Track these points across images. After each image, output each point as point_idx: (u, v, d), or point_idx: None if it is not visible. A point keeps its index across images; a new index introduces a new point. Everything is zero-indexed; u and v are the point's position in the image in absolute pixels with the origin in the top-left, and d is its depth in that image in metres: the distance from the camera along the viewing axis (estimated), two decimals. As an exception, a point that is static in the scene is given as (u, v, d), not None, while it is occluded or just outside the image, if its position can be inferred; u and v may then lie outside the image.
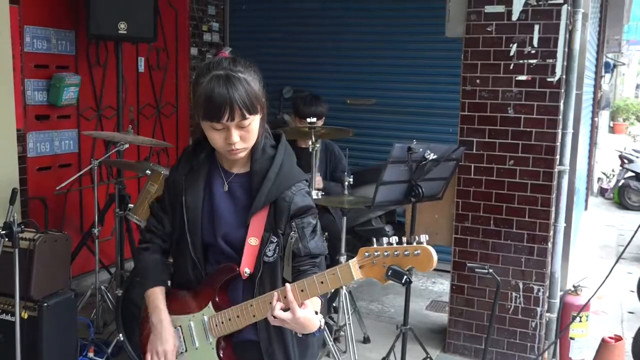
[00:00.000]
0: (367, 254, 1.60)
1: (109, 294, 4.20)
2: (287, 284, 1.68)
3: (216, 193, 1.91)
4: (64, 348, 3.60)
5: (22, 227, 3.02)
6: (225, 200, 1.90)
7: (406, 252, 1.55)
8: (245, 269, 1.83)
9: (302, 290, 1.69)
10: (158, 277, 1.97)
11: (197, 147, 1.95)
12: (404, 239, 1.57)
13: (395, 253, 1.56)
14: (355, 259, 1.63)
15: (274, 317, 1.69)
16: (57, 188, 4.01)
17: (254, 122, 1.79)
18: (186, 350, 1.93)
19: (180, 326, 1.94)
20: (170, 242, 2.00)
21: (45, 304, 3.45)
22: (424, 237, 1.56)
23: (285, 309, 1.68)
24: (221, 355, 1.86)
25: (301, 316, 1.66)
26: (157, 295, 1.94)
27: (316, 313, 1.72)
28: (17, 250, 2.98)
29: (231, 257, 1.86)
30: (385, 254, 1.58)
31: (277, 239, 1.83)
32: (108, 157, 4.24)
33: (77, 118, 4.98)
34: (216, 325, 1.86)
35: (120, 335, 3.66)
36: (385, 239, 1.59)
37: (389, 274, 1.56)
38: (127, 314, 3.70)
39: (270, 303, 1.72)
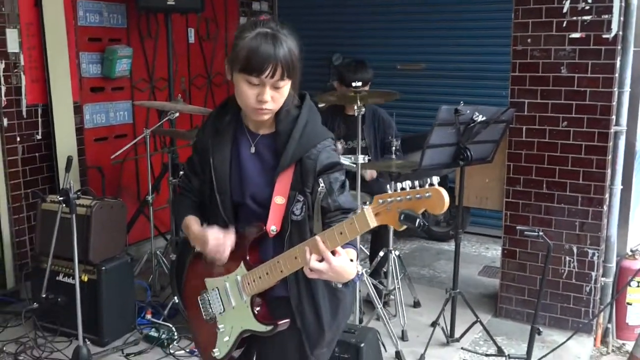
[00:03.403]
0: (380, 200, 1.58)
1: (164, 259, 4.33)
2: (316, 236, 1.69)
3: (243, 154, 1.94)
4: (123, 310, 3.77)
5: (78, 193, 3.14)
6: (252, 161, 1.93)
7: (418, 196, 1.52)
8: (272, 227, 1.85)
9: (323, 242, 1.69)
10: (189, 211, 2.03)
11: (221, 110, 1.99)
12: (417, 183, 1.54)
13: (407, 197, 1.54)
14: (370, 205, 1.61)
15: (311, 270, 1.69)
16: (112, 157, 4.14)
17: (287, 86, 1.82)
18: (225, 311, 1.98)
19: (217, 287, 1.99)
20: (202, 199, 2.04)
21: (104, 268, 3.61)
22: (435, 179, 1.52)
23: (320, 260, 1.68)
24: (256, 312, 1.90)
25: (337, 265, 1.67)
26: (189, 221, 2.00)
27: (351, 261, 1.72)
28: (74, 215, 3.11)
29: (260, 216, 1.89)
30: (398, 199, 1.55)
31: (304, 198, 1.85)
32: (160, 127, 4.33)
33: (130, 90, 5.11)
34: (248, 283, 1.89)
35: (176, 298, 3.78)
36: (399, 185, 1.56)
37: (402, 218, 1.54)
38: (181, 278, 3.80)
39: (296, 258, 1.74)
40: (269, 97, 1.79)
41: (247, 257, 1.90)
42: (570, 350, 3.62)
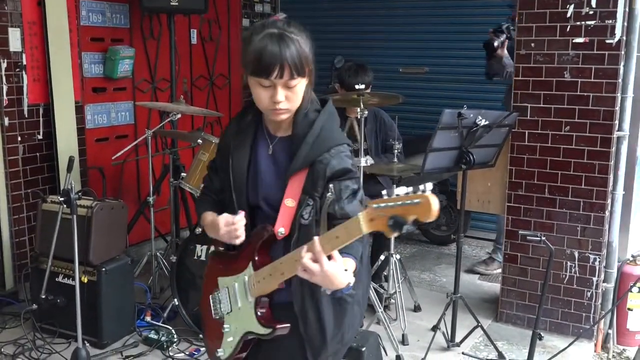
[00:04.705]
0: (374, 206, 1.55)
1: (164, 260, 4.32)
2: (315, 237, 1.67)
3: (260, 155, 1.95)
4: (122, 311, 3.76)
5: (80, 194, 3.13)
6: (268, 162, 1.94)
7: (407, 202, 1.49)
8: (280, 229, 1.85)
9: (321, 244, 1.66)
10: (207, 208, 2.05)
11: (245, 111, 2.01)
12: (411, 189, 1.51)
13: (399, 203, 1.51)
14: (365, 211, 1.58)
15: (303, 269, 1.67)
16: (113, 158, 4.13)
17: (301, 84, 1.82)
18: (231, 311, 1.98)
19: (227, 287, 1.99)
20: (222, 198, 2.05)
21: (104, 269, 3.60)
22: (428, 186, 1.49)
23: (314, 261, 1.66)
24: (259, 313, 1.89)
25: (328, 269, 1.64)
26: (205, 215, 2.02)
27: (346, 270, 1.70)
28: (74, 216, 3.10)
29: (273, 219, 1.89)
30: (391, 204, 1.52)
31: (314, 202, 1.83)
32: (162, 128, 4.33)
33: (132, 90, 5.10)
34: (254, 284, 1.89)
35: (176, 300, 3.77)
36: (396, 190, 1.53)
37: (390, 224, 1.51)
38: (182, 280, 3.80)
39: (296, 261, 1.72)
40: (282, 97, 1.79)
41: (256, 258, 1.90)
42: (571, 356, 3.61)
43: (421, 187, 1.49)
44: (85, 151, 4.67)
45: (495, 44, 4.57)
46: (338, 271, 1.67)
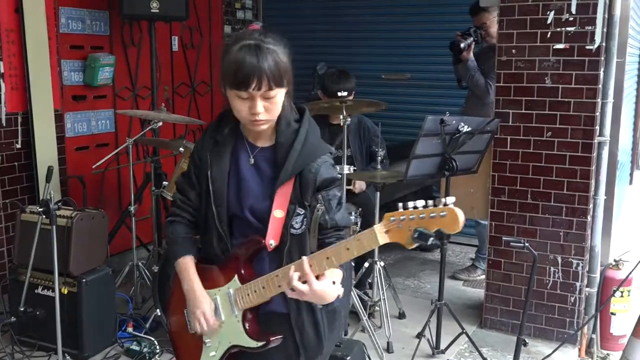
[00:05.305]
0: (392, 218, 1.60)
1: (146, 270, 4.27)
2: (304, 257, 1.68)
3: (242, 166, 1.92)
4: (104, 323, 3.70)
5: (59, 204, 3.09)
6: (251, 172, 1.92)
7: (432, 214, 1.54)
8: (271, 241, 1.83)
9: (327, 258, 1.69)
10: (188, 247, 2.00)
11: (220, 122, 1.97)
12: (429, 202, 1.56)
13: (421, 216, 1.56)
14: (380, 223, 1.62)
15: (292, 290, 1.69)
16: (94, 167, 4.08)
17: (280, 94, 1.80)
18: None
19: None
20: (198, 215, 2.01)
21: (84, 280, 3.54)
22: (450, 199, 1.54)
23: (303, 282, 1.68)
24: (247, 327, 1.87)
25: (318, 289, 1.67)
26: (188, 264, 1.96)
27: (334, 283, 1.72)
28: (54, 227, 3.05)
29: (257, 229, 1.87)
30: (411, 217, 1.57)
31: (305, 211, 1.83)
32: (143, 136, 4.28)
33: (113, 98, 5.05)
34: (242, 297, 1.86)
35: (158, 310, 3.73)
36: (410, 203, 1.58)
37: (416, 236, 1.56)
38: (164, 290, 3.75)
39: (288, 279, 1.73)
40: (261, 108, 1.77)
41: (242, 271, 1.87)
42: (556, 361, 3.62)
43: (443, 200, 1.54)
44: (65, 160, 4.61)
45: (462, 45, 4.61)
46: (327, 288, 1.69)
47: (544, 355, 3.60)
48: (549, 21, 3.63)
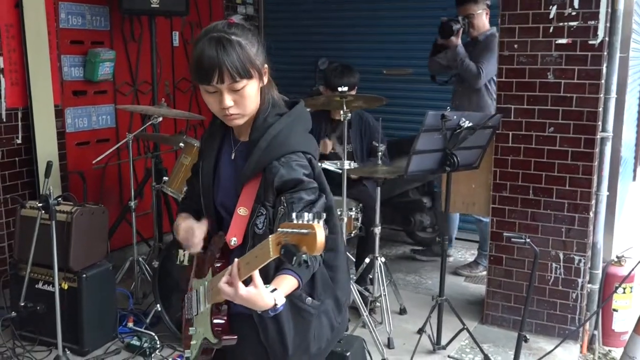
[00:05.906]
0: (280, 230, 1.45)
1: (147, 265, 4.26)
2: (236, 259, 1.61)
3: (224, 160, 1.92)
4: (104, 318, 3.70)
5: (59, 199, 3.08)
6: (229, 167, 1.90)
7: (302, 231, 1.40)
8: (232, 239, 1.78)
9: (247, 263, 1.57)
10: (183, 210, 2.04)
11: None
12: (309, 216, 1.42)
13: (294, 231, 1.41)
14: (274, 234, 1.47)
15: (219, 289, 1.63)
16: (94, 162, 4.07)
17: (249, 87, 1.75)
18: (197, 314, 1.95)
19: (196, 290, 1.97)
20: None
21: (84, 275, 3.54)
22: (320, 215, 1.43)
23: (230, 284, 1.59)
24: (213, 321, 1.83)
25: (243, 294, 1.55)
26: (179, 216, 2.00)
27: (273, 291, 1.60)
28: (54, 222, 3.05)
29: (229, 225, 1.83)
30: (289, 231, 1.42)
31: (266, 212, 1.75)
32: (143, 131, 4.27)
33: (113, 93, 5.04)
34: (209, 292, 1.86)
35: (158, 305, 3.73)
36: (306, 215, 1.43)
37: (282, 252, 1.41)
38: (165, 286, 3.75)
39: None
40: (229, 102, 1.74)
41: (215, 264, 1.85)
42: (557, 358, 3.60)
43: (306, 215, 1.40)
44: (66, 155, 4.60)
45: (454, 27, 4.55)
46: (255, 297, 1.56)
47: (545, 351, 3.59)
48: (551, 16, 3.60)
